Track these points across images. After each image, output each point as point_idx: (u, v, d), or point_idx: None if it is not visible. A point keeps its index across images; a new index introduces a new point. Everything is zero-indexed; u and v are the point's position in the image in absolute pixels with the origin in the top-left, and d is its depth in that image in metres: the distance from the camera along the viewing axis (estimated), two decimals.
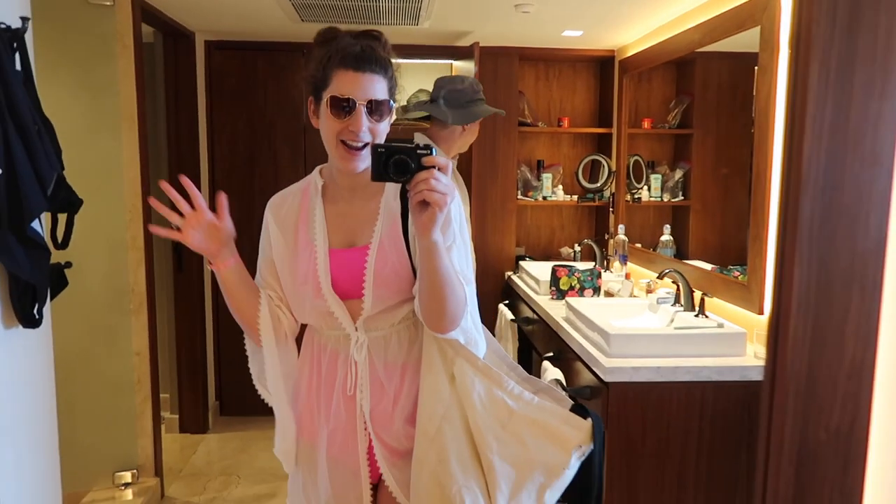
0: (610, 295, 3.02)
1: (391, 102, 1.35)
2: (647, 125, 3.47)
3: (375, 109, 1.31)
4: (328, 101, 1.31)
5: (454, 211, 1.33)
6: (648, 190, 3.40)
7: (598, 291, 3.01)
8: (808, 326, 0.62)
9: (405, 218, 1.35)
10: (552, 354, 2.67)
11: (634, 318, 2.67)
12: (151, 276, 2.98)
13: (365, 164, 1.33)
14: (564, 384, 2.43)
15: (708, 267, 2.70)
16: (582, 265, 3.22)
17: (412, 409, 1.41)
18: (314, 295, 1.38)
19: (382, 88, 1.33)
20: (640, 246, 3.40)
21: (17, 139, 1.70)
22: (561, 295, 2.96)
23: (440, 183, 1.15)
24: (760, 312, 2.28)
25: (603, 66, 3.98)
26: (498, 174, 3.83)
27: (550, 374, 2.49)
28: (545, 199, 3.91)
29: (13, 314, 1.82)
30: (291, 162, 3.86)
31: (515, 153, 3.84)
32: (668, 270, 2.61)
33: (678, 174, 3.19)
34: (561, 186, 3.96)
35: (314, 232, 1.41)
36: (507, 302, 3.59)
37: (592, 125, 4.02)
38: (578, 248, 3.87)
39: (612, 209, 3.79)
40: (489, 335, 1.50)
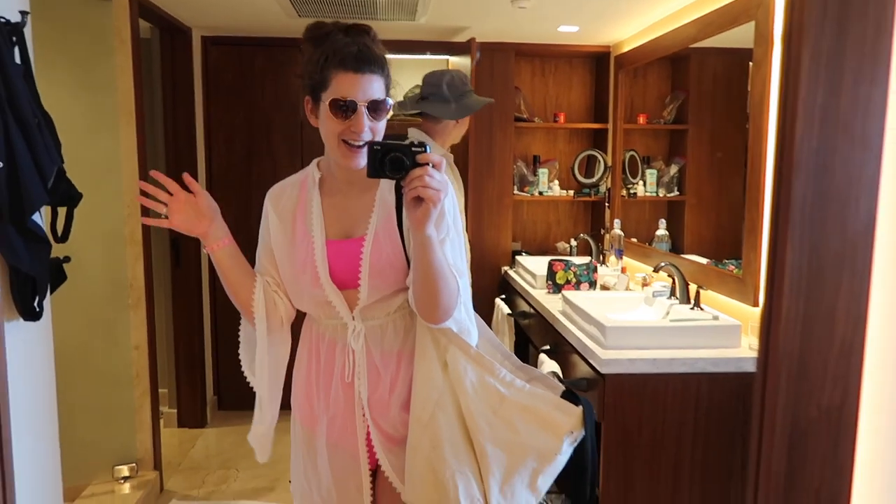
0: (606, 289, 3.04)
1: (388, 100, 1.38)
2: (642, 121, 3.49)
3: (375, 109, 1.35)
4: (329, 103, 1.34)
5: (448, 204, 1.37)
6: (644, 185, 3.42)
7: (594, 285, 3.03)
8: (800, 308, 0.64)
9: (399, 210, 1.38)
10: (549, 347, 2.69)
11: (630, 311, 2.69)
12: (150, 270, 2.99)
13: (365, 160, 1.35)
14: (561, 377, 2.45)
15: (703, 261, 2.73)
16: (578, 260, 3.24)
17: (408, 396, 1.44)
18: (312, 285, 1.41)
19: (380, 87, 1.36)
20: (635, 241, 3.43)
21: (17, 132, 1.71)
22: (557, 289, 2.98)
23: (434, 179, 1.19)
24: (755, 305, 2.30)
25: (599, 61, 3.99)
26: (494, 169, 3.85)
27: (547, 366, 2.51)
28: (541, 194, 3.93)
29: (14, 307, 1.83)
30: (289, 157, 3.87)
31: (511, 148, 3.86)
32: (663, 264, 2.63)
33: (673, 169, 3.21)
34: (557, 182, 3.98)
35: (311, 223, 1.44)
36: (503, 296, 3.61)
37: (588, 121, 4.04)
38: (574, 242, 3.89)
39: (607, 204, 3.81)
40: (484, 325, 1.53)
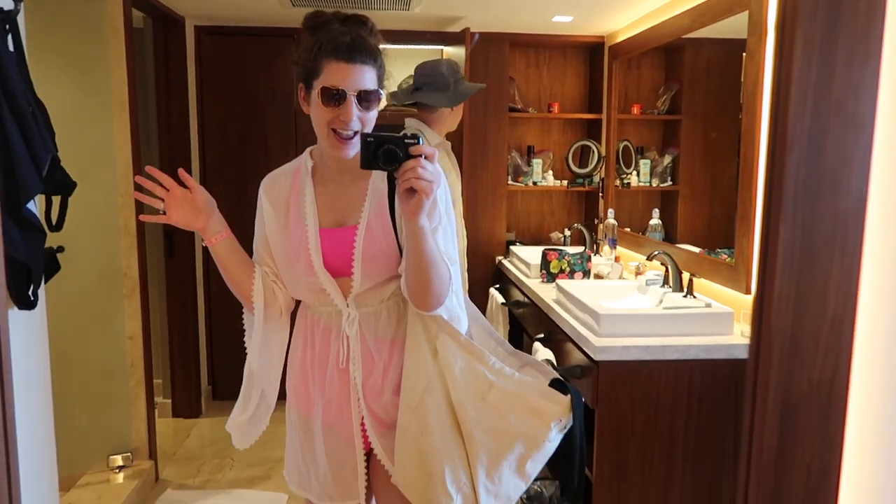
0: (600, 278, 3.06)
1: (380, 91, 1.39)
2: (636, 111, 3.50)
3: (365, 99, 1.35)
4: (319, 91, 1.34)
5: (440, 193, 1.38)
6: (637, 175, 3.44)
7: (587, 274, 3.04)
8: (792, 284, 0.65)
9: (392, 199, 1.39)
10: (543, 336, 2.71)
11: (624, 299, 2.71)
12: (144, 260, 2.98)
13: (355, 150, 1.37)
14: (555, 364, 2.47)
15: (696, 250, 2.75)
16: (572, 249, 3.25)
17: (400, 381, 1.45)
18: (307, 273, 1.43)
19: (372, 78, 1.36)
20: (629, 230, 3.44)
21: (11, 120, 1.71)
22: (551, 278, 3.00)
23: (426, 171, 1.20)
24: (747, 292, 2.32)
25: (593, 52, 4.00)
26: (488, 160, 3.86)
27: (541, 354, 2.53)
28: (535, 184, 3.94)
29: (8, 295, 1.83)
30: (282, 147, 3.86)
31: (506, 139, 3.86)
32: (657, 252, 2.65)
33: (667, 160, 3.23)
34: (551, 172, 3.99)
35: (305, 212, 1.45)
36: (498, 286, 3.62)
37: (582, 111, 4.05)
38: (568, 232, 3.91)
39: (601, 194, 3.83)
40: (477, 311, 1.55)
